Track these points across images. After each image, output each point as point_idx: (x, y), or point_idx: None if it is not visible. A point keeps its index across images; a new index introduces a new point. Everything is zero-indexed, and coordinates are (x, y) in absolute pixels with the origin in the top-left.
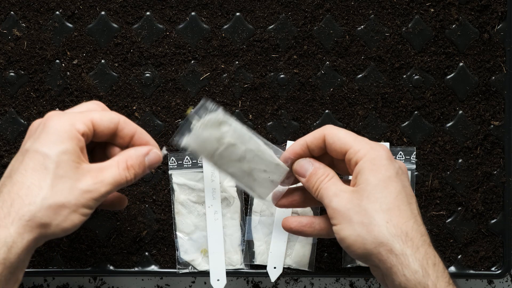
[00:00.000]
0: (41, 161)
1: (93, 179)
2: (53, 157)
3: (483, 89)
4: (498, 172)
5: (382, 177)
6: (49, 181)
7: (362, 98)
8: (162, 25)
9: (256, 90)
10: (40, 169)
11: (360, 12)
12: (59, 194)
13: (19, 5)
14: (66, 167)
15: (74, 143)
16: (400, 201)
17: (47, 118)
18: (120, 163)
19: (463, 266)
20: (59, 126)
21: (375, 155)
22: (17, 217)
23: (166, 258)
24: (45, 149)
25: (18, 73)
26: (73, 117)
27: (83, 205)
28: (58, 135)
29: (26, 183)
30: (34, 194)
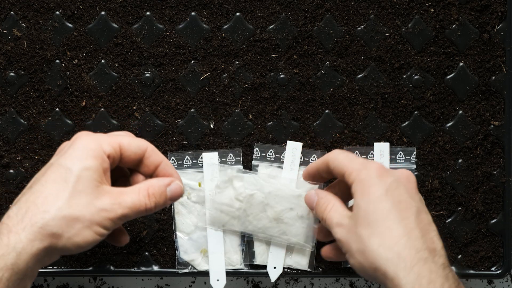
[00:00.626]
0: (62, 174)
1: (112, 199)
2: (74, 172)
3: (483, 89)
4: (498, 172)
5: (370, 199)
6: (67, 194)
7: (362, 98)
8: (162, 25)
9: (256, 90)
10: (60, 181)
11: (360, 12)
12: (74, 207)
13: (19, 5)
14: (86, 183)
15: (98, 162)
16: (391, 220)
17: (76, 137)
18: (142, 190)
19: (463, 266)
20: (86, 143)
21: (364, 176)
22: (30, 223)
23: (166, 258)
24: (68, 163)
25: (18, 73)
26: (101, 138)
27: (98, 223)
28: (83, 152)
29: (44, 193)
30: (50, 204)
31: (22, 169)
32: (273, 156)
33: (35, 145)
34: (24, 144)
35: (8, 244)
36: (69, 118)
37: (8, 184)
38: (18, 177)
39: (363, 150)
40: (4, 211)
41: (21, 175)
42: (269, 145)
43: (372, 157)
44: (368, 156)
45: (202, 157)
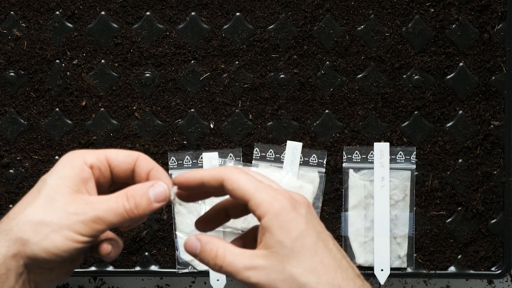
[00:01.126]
0: (38, 186)
1: (85, 205)
2: (48, 182)
3: (483, 89)
4: (498, 172)
5: (294, 235)
6: (37, 201)
7: (362, 98)
8: (162, 25)
9: (256, 90)
10: (34, 192)
11: (360, 12)
12: (41, 212)
13: (19, 5)
14: (59, 191)
15: (75, 171)
16: (321, 254)
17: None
18: (120, 194)
19: (463, 266)
20: (67, 157)
21: (279, 209)
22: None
23: (166, 258)
24: (46, 177)
25: (18, 73)
26: (85, 151)
27: (68, 226)
28: (62, 164)
29: (17, 205)
30: (19, 212)
31: (22, 169)
32: (273, 156)
33: (35, 145)
34: (24, 144)
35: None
36: (69, 118)
37: (8, 184)
38: (18, 177)
39: (363, 150)
40: (4, 211)
41: (21, 175)
42: (269, 145)
43: (372, 157)
44: (368, 156)
45: (202, 157)
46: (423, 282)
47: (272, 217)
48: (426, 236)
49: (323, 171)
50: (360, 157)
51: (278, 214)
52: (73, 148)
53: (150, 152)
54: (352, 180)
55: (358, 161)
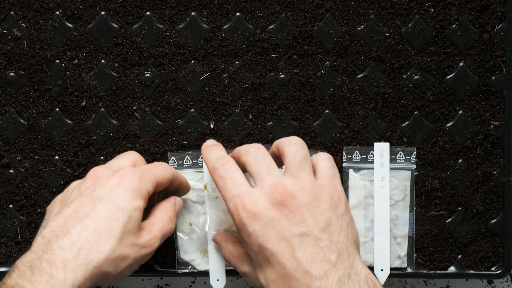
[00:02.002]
0: (114, 213)
1: (148, 235)
2: (126, 212)
3: (483, 89)
4: (498, 172)
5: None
6: (118, 234)
7: (362, 98)
8: (162, 25)
9: (256, 90)
10: (112, 220)
11: (360, 12)
12: (123, 247)
13: (19, 5)
14: (134, 223)
15: (144, 201)
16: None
17: (123, 173)
18: (164, 217)
19: (463, 266)
20: (135, 183)
21: (239, 224)
22: (85, 262)
23: (166, 258)
24: (119, 202)
25: (18, 73)
26: (145, 177)
27: (138, 260)
28: (134, 192)
29: (97, 231)
30: (103, 243)
31: (22, 169)
32: None
33: (35, 145)
34: (24, 144)
35: (65, 281)
36: (69, 118)
37: (8, 184)
38: (18, 177)
39: (363, 150)
40: (4, 211)
41: (21, 175)
42: (269, 145)
43: (372, 157)
44: (368, 156)
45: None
46: (423, 282)
47: (238, 231)
48: (426, 236)
49: None
50: (360, 157)
51: (239, 229)
52: (73, 148)
53: (150, 152)
54: (352, 180)
55: (358, 161)
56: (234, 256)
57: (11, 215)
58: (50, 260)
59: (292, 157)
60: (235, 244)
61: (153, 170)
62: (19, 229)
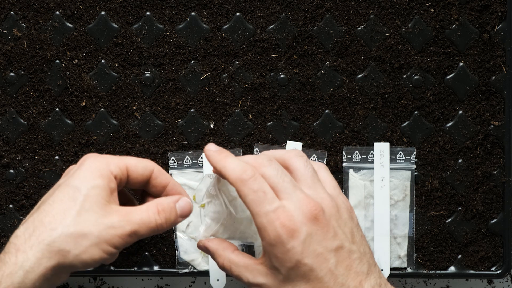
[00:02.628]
0: (70, 193)
1: (120, 217)
2: (82, 190)
3: (483, 89)
4: (498, 172)
5: (289, 266)
6: (74, 212)
7: (362, 98)
8: (162, 25)
9: (256, 90)
10: (68, 200)
11: (360, 12)
12: (82, 224)
13: (19, 5)
14: (94, 201)
15: (106, 181)
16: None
17: (84, 158)
18: (151, 207)
19: (463, 266)
20: (93, 164)
21: (274, 239)
22: (37, 241)
23: (166, 258)
24: (76, 183)
25: (18, 73)
26: (108, 159)
27: (106, 240)
28: (91, 172)
29: (52, 212)
30: (57, 221)
31: (22, 169)
32: None
33: (35, 145)
34: (24, 144)
35: (16, 263)
36: (69, 118)
37: (8, 184)
38: (18, 177)
39: (363, 150)
40: (4, 211)
41: (21, 175)
42: (269, 145)
43: (372, 157)
44: (368, 156)
45: (202, 157)
46: (423, 282)
47: (268, 246)
48: (426, 236)
49: None
50: (360, 157)
51: (273, 245)
52: (73, 148)
53: (150, 152)
54: (352, 180)
55: (358, 161)
56: (237, 266)
57: (11, 215)
58: (6, 250)
59: (304, 170)
60: (236, 253)
61: (124, 157)
62: None
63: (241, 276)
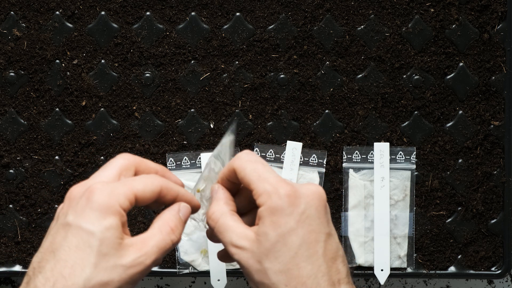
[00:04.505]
0: (85, 239)
1: (136, 253)
2: (97, 234)
3: (483, 89)
4: (498, 172)
5: (281, 232)
6: (92, 260)
7: (362, 98)
8: (162, 25)
9: (256, 90)
10: (84, 247)
11: (360, 12)
12: (102, 273)
13: (19, 5)
14: (110, 244)
15: (117, 218)
16: (300, 257)
17: (91, 191)
18: (163, 228)
19: (463, 266)
20: (102, 201)
21: (275, 203)
22: None
23: (166, 258)
24: (89, 226)
25: (18, 73)
26: (117, 192)
27: (127, 281)
28: (101, 211)
29: (70, 262)
30: (77, 275)
31: (22, 169)
32: (273, 156)
33: (35, 145)
34: (24, 144)
35: None
36: (69, 118)
37: (8, 184)
38: (18, 177)
39: (363, 150)
40: (4, 211)
41: (21, 175)
42: (269, 145)
43: (372, 157)
44: (368, 156)
45: (200, 158)
46: (423, 282)
47: (267, 209)
48: (426, 236)
49: (323, 171)
50: (360, 157)
51: (273, 208)
52: (73, 148)
53: (150, 152)
54: (352, 180)
55: (358, 161)
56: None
57: (11, 215)
58: None
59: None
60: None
61: (129, 183)
62: (19, 229)
63: (225, 234)
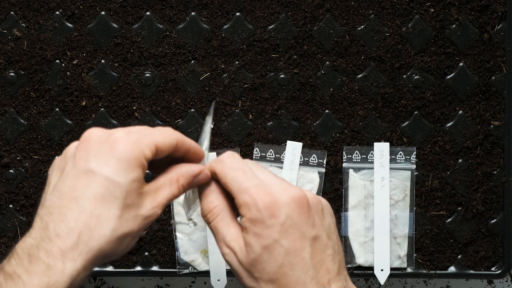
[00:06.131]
0: (111, 190)
1: (152, 203)
2: (124, 187)
3: (483, 89)
4: (498, 172)
5: (265, 243)
6: (118, 212)
7: (362, 98)
8: (162, 25)
9: (256, 90)
10: (110, 198)
11: (360, 12)
12: (125, 224)
13: (19, 5)
14: (133, 195)
15: (141, 170)
16: (287, 265)
17: (115, 140)
18: (173, 182)
19: (463, 266)
20: (129, 153)
21: (255, 216)
22: (86, 249)
23: (166, 258)
24: (115, 177)
25: (18, 73)
26: (140, 142)
27: (143, 229)
28: (129, 163)
29: (95, 213)
30: (104, 226)
31: (22, 169)
32: (273, 156)
33: (35, 145)
34: (24, 144)
35: (64, 271)
36: (69, 118)
37: (8, 184)
38: (18, 177)
39: (363, 150)
40: (4, 211)
41: (21, 175)
42: (269, 145)
43: (372, 157)
44: (368, 156)
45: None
46: (423, 282)
47: (248, 221)
48: (426, 236)
49: (323, 171)
50: (360, 157)
51: (254, 220)
52: None
53: None
54: (352, 180)
55: (358, 161)
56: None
57: (11, 215)
58: (47, 249)
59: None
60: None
61: (151, 135)
62: (19, 229)
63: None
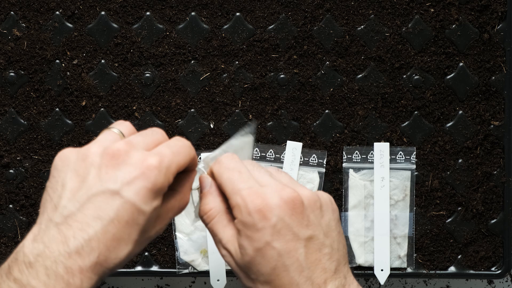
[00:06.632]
0: (135, 217)
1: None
2: (147, 214)
3: (483, 89)
4: (498, 172)
5: (257, 246)
6: (137, 237)
7: (362, 98)
8: (162, 25)
9: (256, 90)
10: (132, 224)
11: (360, 12)
12: (138, 247)
13: (19, 5)
14: (152, 221)
15: (162, 196)
16: (281, 267)
17: (149, 168)
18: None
19: (463, 266)
20: (160, 184)
21: (246, 219)
22: (101, 269)
23: (166, 258)
24: (142, 206)
25: (18, 73)
26: (169, 170)
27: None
28: (156, 193)
29: (117, 236)
30: (123, 249)
31: (22, 169)
32: (273, 156)
33: (35, 145)
34: (24, 144)
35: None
36: (69, 118)
37: (8, 184)
38: (18, 177)
39: (363, 150)
40: (4, 211)
41: (21, 175)
42: (269, 145)
43: (372, 157)
44: (368, 156)
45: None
46: (423, 282)
47: (240, 223)
48: (426, 236)
49: (323, 171)
50: (360, 157)
51: (245, 223)
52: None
53: None
54: (352, 180)
55: (358, 161)
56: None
57: (11, 215)
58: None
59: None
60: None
61: (176, 160)
62: (19, 229)
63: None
